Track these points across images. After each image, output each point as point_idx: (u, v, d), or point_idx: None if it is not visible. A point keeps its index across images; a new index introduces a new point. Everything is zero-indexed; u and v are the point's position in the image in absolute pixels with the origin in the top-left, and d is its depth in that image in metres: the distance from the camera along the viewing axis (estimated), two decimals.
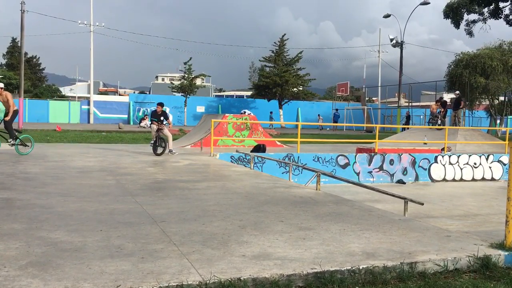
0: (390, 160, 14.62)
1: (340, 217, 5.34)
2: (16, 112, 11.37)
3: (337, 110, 44.16)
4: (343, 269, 3.49)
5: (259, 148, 14.32)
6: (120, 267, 3.36)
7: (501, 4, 27.69)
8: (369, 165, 14.38)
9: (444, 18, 29.51)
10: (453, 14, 28.76)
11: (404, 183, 14.54)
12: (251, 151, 13.60)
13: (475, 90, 31.71)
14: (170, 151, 12.67)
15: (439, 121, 20.95)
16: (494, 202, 11.55)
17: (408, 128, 26.87)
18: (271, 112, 43.38)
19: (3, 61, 68.19)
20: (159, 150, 12.38)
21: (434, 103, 22.32)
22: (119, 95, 62.59)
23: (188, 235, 4.34)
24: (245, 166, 11.73)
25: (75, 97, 56.33)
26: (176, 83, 44.67)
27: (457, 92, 23.96)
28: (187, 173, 8.98)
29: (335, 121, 41.51)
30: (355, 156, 14.40)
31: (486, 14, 28.67)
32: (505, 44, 33.26)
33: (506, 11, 28.07)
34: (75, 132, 24.44)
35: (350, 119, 43.50)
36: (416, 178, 14.99)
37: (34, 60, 70.34)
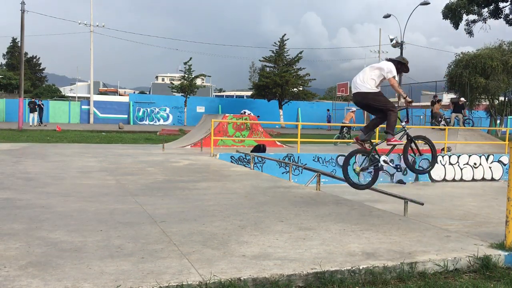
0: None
1: (340, 217, 5.34)
2: None
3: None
4: (343, 269, 3.49)
5: (259, 148, 14.33)
6: (120, 267, 3.36)
7: (501, 4, 27.69)
8: None
9: (443, 18, 29.50)
10: (452, 15, 28.74)
11: (404, 183, 14.53)
12: (251, 151, 13.60)
13: (475, 90, 31.67)
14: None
15: (443, 122, 20.85)
16: (494, 202, 11.55)
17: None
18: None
19: (3, 61, 68.33)
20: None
21: (437, 103, 22.10)
22: (119, 95, 62.58)
23: (188, 235, 4.34)
24: (245, 166, 11.73)
25: (75, 97, 56.30)
26: (176, 83, 44.65)
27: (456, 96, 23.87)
28: (187, 173, 8.98)
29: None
30: (355, 156, 14.36)
31: (486, 14, 28.65)
32: (505, 44, 33.19)
33: (506, 11, 28.08)
34: (75, 132, 24.43)
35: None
36: (416, 178, 14.97)
37: (34, 60, 70.34)
